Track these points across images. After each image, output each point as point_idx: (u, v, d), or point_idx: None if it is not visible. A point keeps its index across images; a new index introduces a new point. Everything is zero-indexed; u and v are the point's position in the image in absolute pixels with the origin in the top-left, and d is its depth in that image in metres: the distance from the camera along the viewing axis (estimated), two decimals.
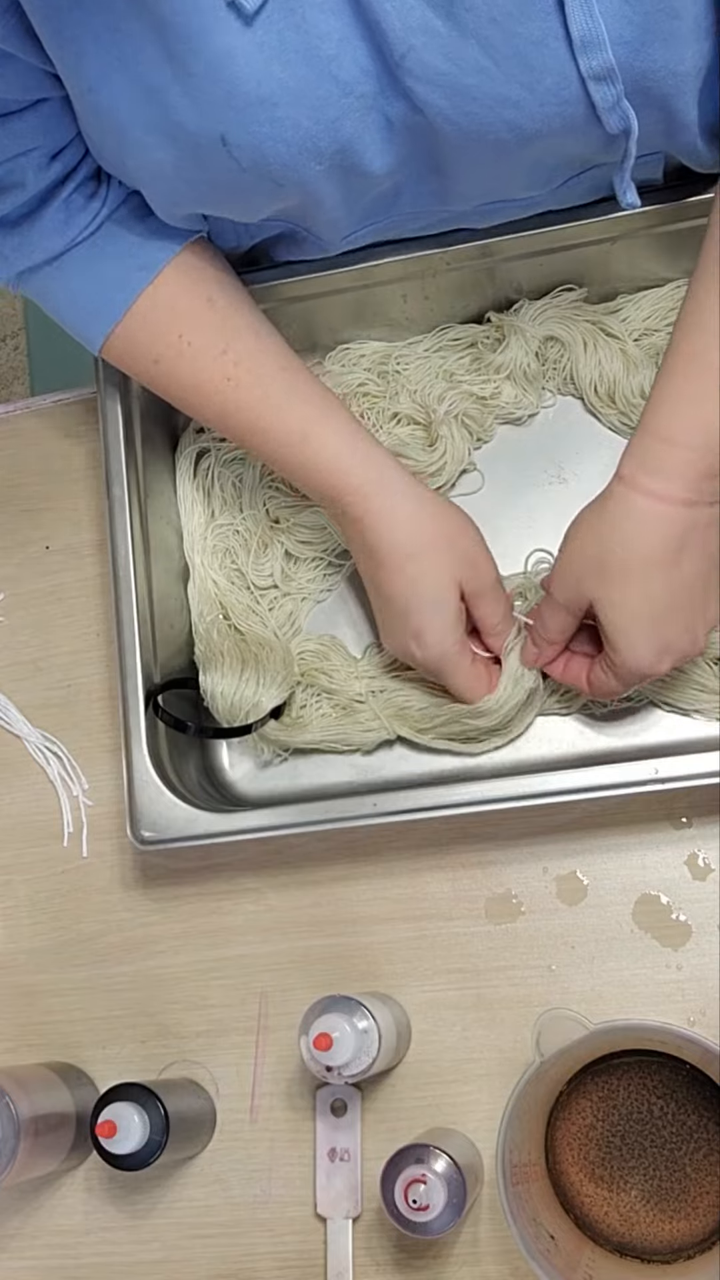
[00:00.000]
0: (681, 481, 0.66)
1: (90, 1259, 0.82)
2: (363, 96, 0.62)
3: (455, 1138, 0.75)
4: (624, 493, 0.68)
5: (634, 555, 0.68)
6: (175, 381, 0.77)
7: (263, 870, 0.84)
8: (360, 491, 0.75)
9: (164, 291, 0.75)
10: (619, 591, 0.69)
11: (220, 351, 0.76)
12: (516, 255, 0.82)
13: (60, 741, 0.90)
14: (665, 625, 0.69)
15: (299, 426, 0.76)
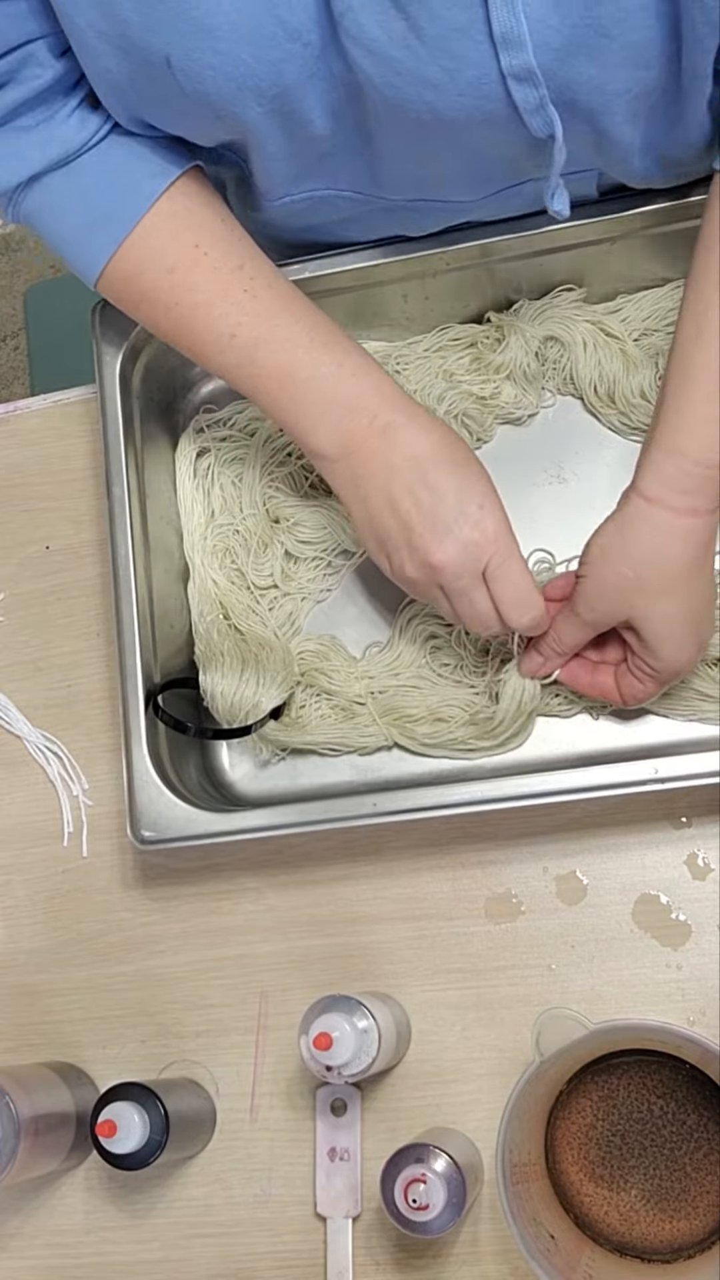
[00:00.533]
0: (707, 495, 0.69)
1: (90, 1259, 0.82)
2: (308, 45, 0.62)
3: (455, 1137, 0.75)
4: (654, 512, 0.70)
5: (674, 569, 0.70)
6: (191, 292, 0.73)
7: (263, 870, 0.84)
8: (394, 398, 0.73)
9: (179, 203, 0.73)
10: (662, 605, 0.71)
11: (237, 265, 0.74)
12: (516, 255, 0.82)
13: (60, 741, 0.90)
14: (702, 624, 0.73)
15: (323, 335, 0.74)
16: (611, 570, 0.71)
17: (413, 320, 0.88)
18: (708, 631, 0.73)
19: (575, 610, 0.74)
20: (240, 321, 0.73)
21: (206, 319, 0.74)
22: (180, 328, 0.75)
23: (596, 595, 0.73)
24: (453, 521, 0.71)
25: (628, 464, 0.85)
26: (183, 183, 0.73)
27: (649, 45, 0.61)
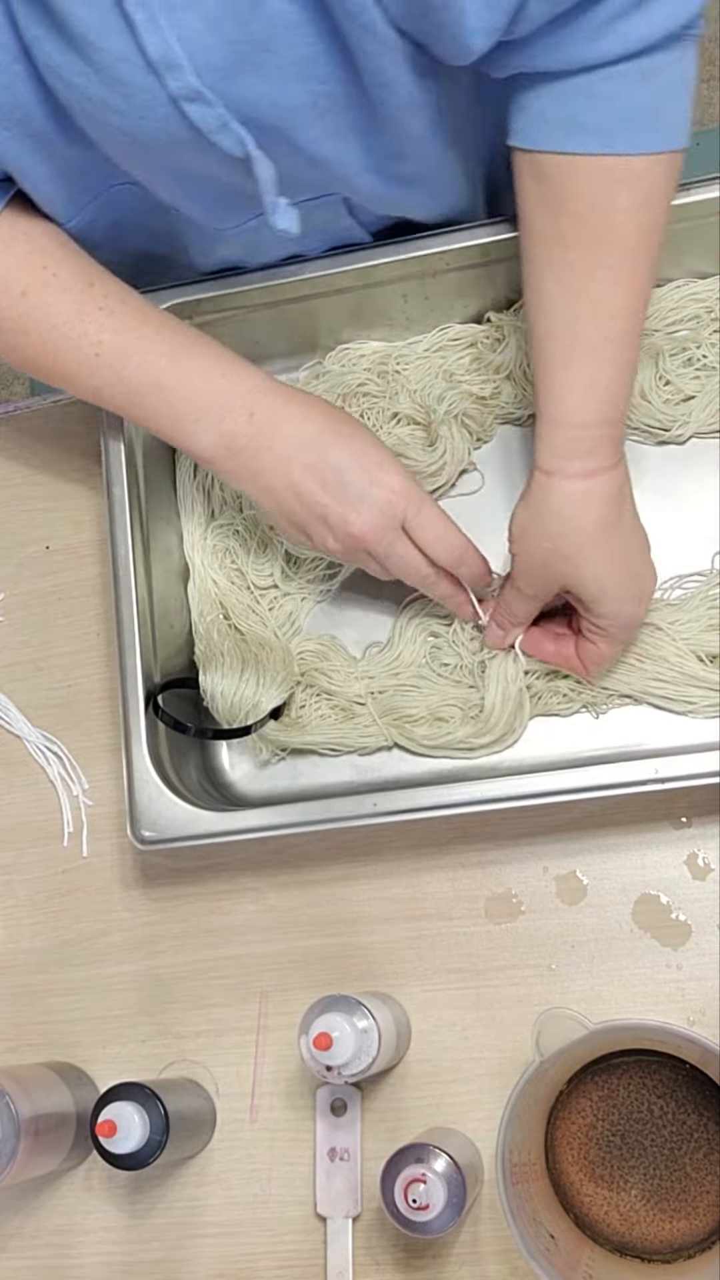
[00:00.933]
0: (601, 455, 0.71)
1: (90, 1259, 0.82)
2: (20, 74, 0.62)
3: (455, 1137, 0.75)
4: (555, 484, 0.72)
5: (588, 531, 0.72)
6: (47, 316, 0.73)
7: (263, 870, 0.84)
8: (268, 389, 0.74)
9: (19, 224, 0.73)
10: (586, 567, 0.72)
11: (88, 283, 0.74)
12: (517, 255, 0.82)
13: (60, 741, 0.90)
14: (636, 574, 0.74)
15: (185, 341, 0.74)
16: (533, 545, 0.73)
17: (413, 320, 0.88)
18: (645, 579, 0.75)
19: (515, 584, 0.77)
20: (101, 340, 0.73)
21: (67, 339, 0.74)
22: (44, 352, 0.75)
23: (527, 569, 0.75)
24: (362, 489, 0.73)
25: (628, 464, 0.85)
26: (18, 200, 0.74)
27: (316, 59, 0.61)
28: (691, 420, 0.84)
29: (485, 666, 0.81)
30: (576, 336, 0.69)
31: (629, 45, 0.62)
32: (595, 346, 0.69)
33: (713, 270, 0.84)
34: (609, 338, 0.69)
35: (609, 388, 0.70)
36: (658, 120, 0.65)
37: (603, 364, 0.70)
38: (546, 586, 0.75)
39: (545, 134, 0.67)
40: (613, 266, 0.68)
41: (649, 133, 0.65)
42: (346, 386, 0.88)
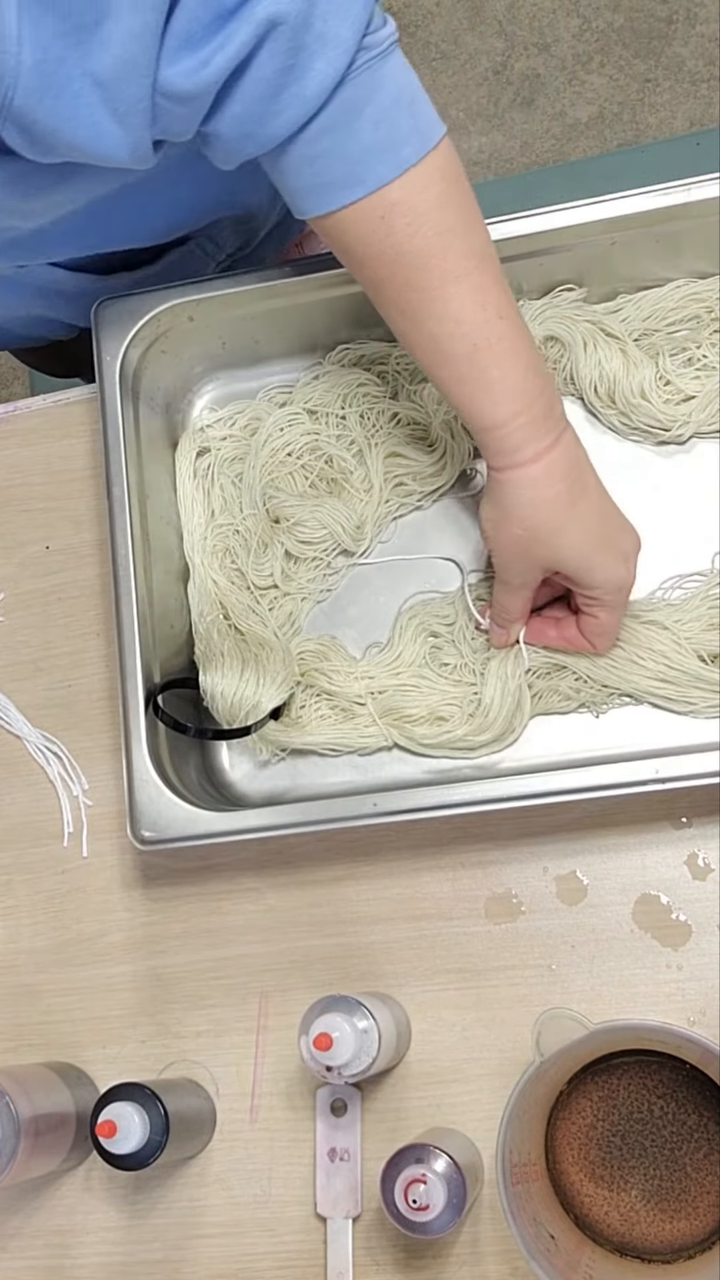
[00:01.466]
0: (537, 439, 0.72)
1: (90, 1259, 0.82)
2: None
3: (455, 1138, 0.75)
4: (507, 476, 0.73)
5: (553, 507, 0.73)
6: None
7: (263, 870, 0.84)
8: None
9: None
10: (562, 541, 0.73)
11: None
12: (516, 255, 0.82)
13: (60, 741, 0.90)
14: (612, 537, 0.75)
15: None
16: (505, 536, 0.75)
17: None
18: (623, 538, 0.75)
19: (501, 578, 0.78)
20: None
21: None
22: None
23: (508, 561, 0.76)
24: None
25: (628, 464, 0.86)
26: None
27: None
28: (691, 420, 0.84)
29: (486, 664, 0.82)
30: (447, 355, 0.71)
31: (307, 106, 0.63)
32: (467, 356, 0.70)
33: (713, 270, 0.84)
34: (475, 344, 0.70)
35: (504, 381, 0.71)
36: (387, 144, 0.66)
37: (484, 366, 0.71)
38: (530, 572, 0.76)
39: (303, 204, 0.69)
40: (437, 285, 0.69)
41: (382, 162, 0.66)
42: (346, 386, 0.88)
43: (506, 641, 0.81)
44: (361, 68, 0.64)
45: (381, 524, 0.88)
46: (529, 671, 0.81)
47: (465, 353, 0.70)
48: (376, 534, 0.87)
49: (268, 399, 0.90)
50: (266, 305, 0.85)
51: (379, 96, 0.65)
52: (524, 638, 0.81)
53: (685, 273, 0.85)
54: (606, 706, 0.82)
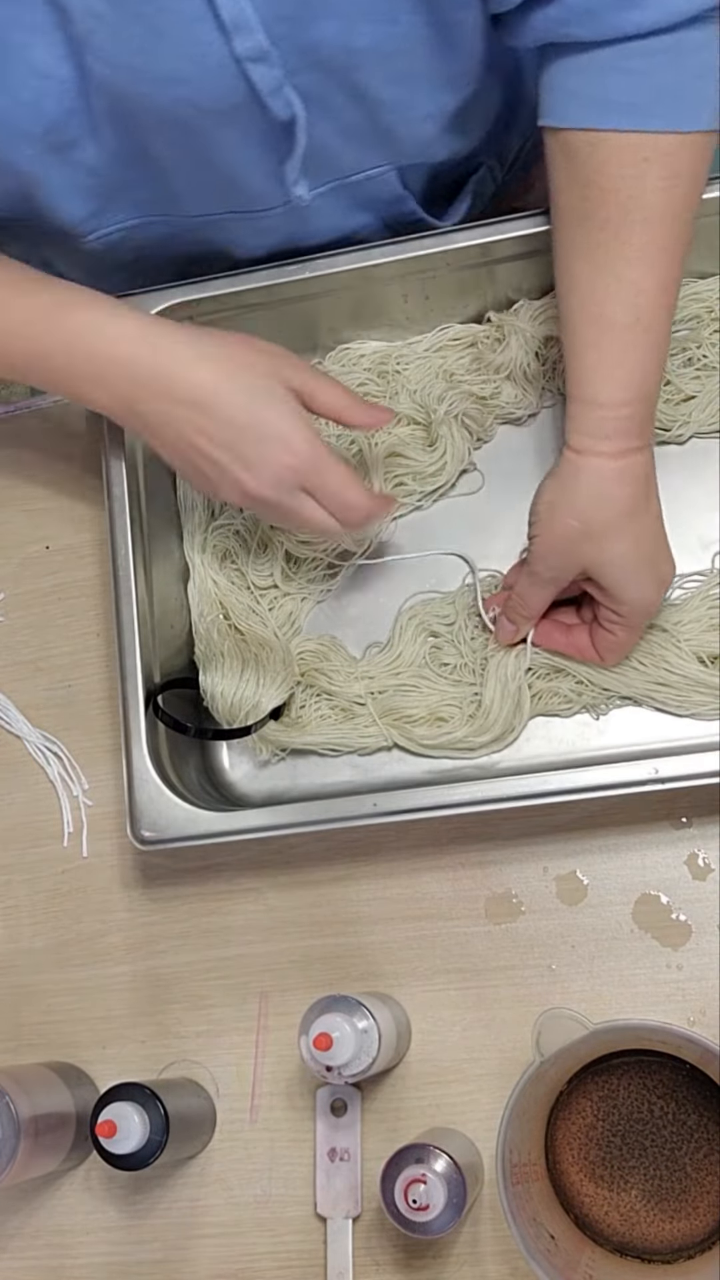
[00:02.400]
0: (629, 436, 0.71)
1: (90, 1259, 0.82)
2: (62, 81, 0.63)
3: (455, 1138, 0.75)
4: (586, 462, 0.72)
5: (618, 510, 0.72)
6: None
7: (263, 870, 0.84)
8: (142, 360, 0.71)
9: None
10: (611, 549, 0.72)
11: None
12: (516, 255, 0.82)
13: (60, 741, 0.90)
14: (657, 560, 0.74)
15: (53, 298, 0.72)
16: (559, 523, 0.73)
17: (413, 320, 0.88)
18: (666, 566, 0.75)
19: (533, 569, 0.76)
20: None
21: None
22: None
23: (549, 550, 0.74)
24: (259, 456, 0.71)
25: None
26: None
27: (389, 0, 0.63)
28: (691, 420, 0.84)
29: (485, 663, 0.81)
30: (604, 316, 0.69)
31: (662, 17, 0.63)
32: (624, 326, 0.69)
33: (713, 270, 0.84)
34: (638, 318, 0.69)
35: (638, 367, 0.70)
36: (687, 100, 0.66)
37: (631, 344, 0.69)
38: (566, 569, 0.74)
39: (574, 111, 0.67)
40: (641, 246, 0.68)
41: (679, 111, 0.65)
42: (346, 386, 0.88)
43: (514, 638, 0.80)
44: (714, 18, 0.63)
45: (382, 524, 0.88)
46: (528, 671, 0.81)
47: (624, 322, 0.69)
48: (377, 534, 0.87)
49: None
50: (266, 305, 0.85)
51: (708, 54, 0.65)
52: (531, 638, 0.80)
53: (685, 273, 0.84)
54: (606, 708, 0.81)
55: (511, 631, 0.80)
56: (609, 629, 0.76)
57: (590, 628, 0.78)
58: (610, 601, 0.74)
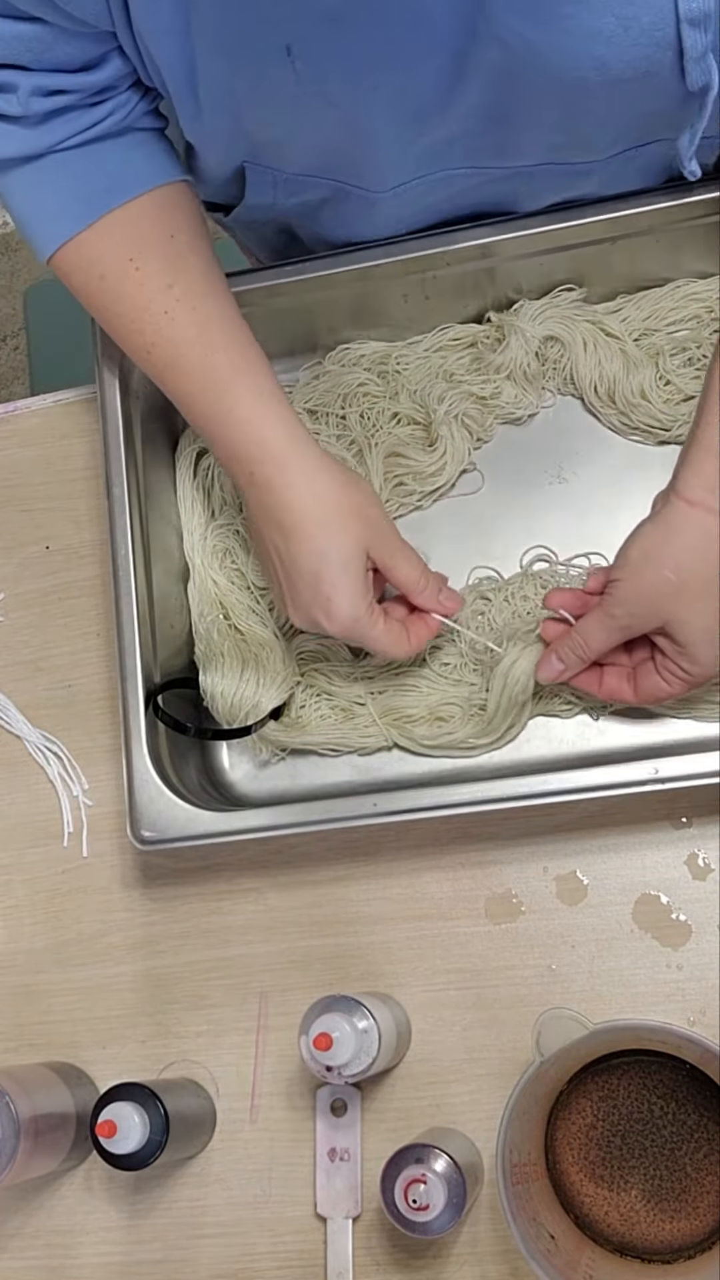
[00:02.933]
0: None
1: (90, 1259, 0.82)
2: (435, 27, 0.61)
3: (455, 1138, 0.75)
4: (697, 515, 0.69)
5: (714, 571, 0.69)
6: (116, 300, 0.75)
7: (263, 870, 0.84)
8: (272, 456, 0.74)
9: (131, 214, 0.74)
10: (701, 608, 0.69)
11: (167, 285, 0.74)
12: (516, 255, 0.82)
13: (60, 741, 0.90)
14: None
15: (223, 375, 0.75)
16: (652, 573, 0.70)
17: (413, 320, 0.88)
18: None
19: (610, 613, 0.72)
20: (155, 342, 0.75)
21: (126, 330, 0.76)
22: (108, 325, 0.78)
23: (634, 599, 0.71)
24: (307, 604, 0.75)
25: (628, 464, 0.86)
26: (146, 198, 0.74)
27: None
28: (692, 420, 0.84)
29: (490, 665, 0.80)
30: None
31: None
32: None
33: (713, 270, 0.84)
34: None
35: None
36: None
37: None
38: (645, 620, 0.71)
39: None
40: None
41: None
42: (346, 386, 0.88)
43: (559, 677, 0.76)
44: None
45: None
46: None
47: None
48: None
49: None
50: (266, 305, 0.85)
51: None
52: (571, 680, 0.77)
53: (685, 273, 0.85)
54: (607, 708, 0.81)
55: (559, 671, 0.76)
56: (665, 680, 0.73)
57: (637, 669, 0.75)
58: (681, 659, 0.71)
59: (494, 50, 0.62)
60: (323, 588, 0.74)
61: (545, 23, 0.60)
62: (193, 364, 0.75)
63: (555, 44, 0.61)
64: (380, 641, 0.76)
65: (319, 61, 0.62)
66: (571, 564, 0.84)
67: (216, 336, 0.75)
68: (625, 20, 0.60)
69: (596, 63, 0.62)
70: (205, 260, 0.77)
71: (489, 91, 0.66)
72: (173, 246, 0.75)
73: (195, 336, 0.75)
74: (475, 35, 0.61)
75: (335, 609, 0.74)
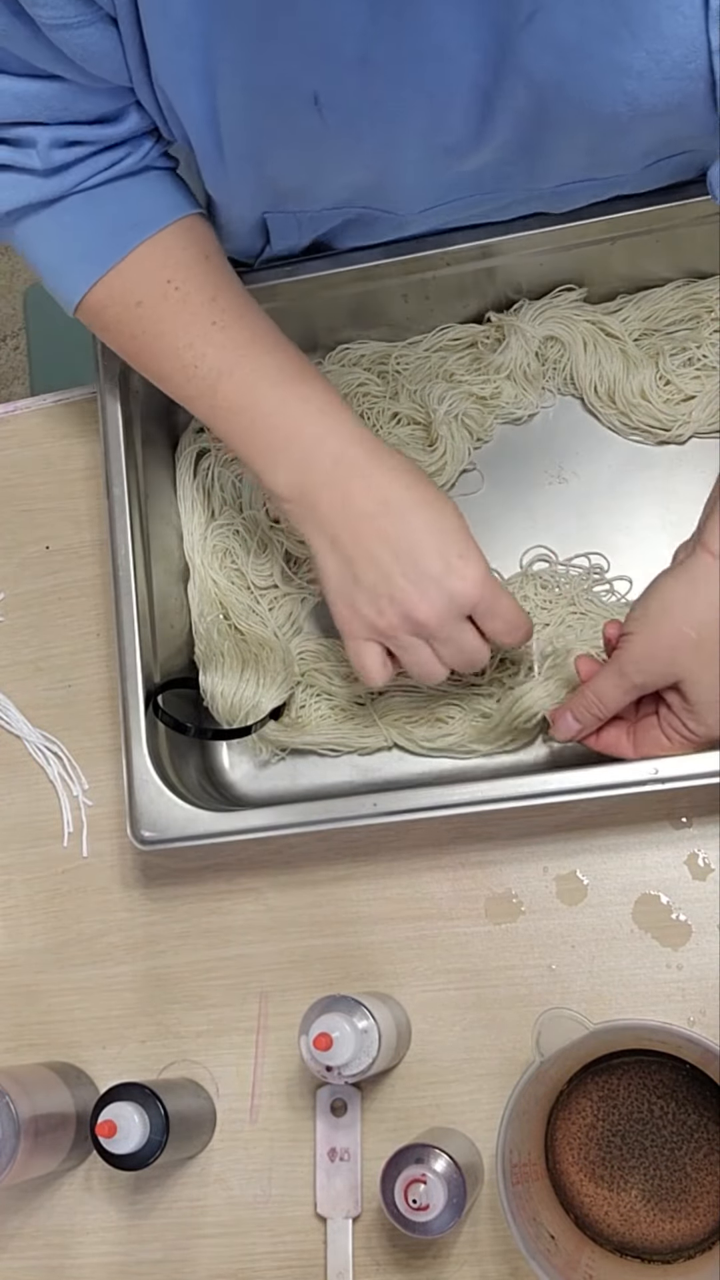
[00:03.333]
0: None
1: (90, 1259, 0.82)
2: (463, 68, 0.60)
3: (455, 1138, 0.75)
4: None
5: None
6: (156, 321, 0.73)
7: (263, 870, 0.84)
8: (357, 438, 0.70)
9: (161, 243, 0.73)
10: (716, 669, 0.67)
11: (210, 298, 0.73)
12: (516, 255, 0.82)
13: (60, 741, 0.90)
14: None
15: (293, 370, 0.72)
16: (671, 628, 0.68)
17: (413, 320, 0.88)
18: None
19: (623, 671, 0.70)
20: (205, 352, 0.72)
21: (171, 348, 0.73)
22: (144, 354, 0.75)
23: (649, 656, 0.69)
24: (439, 575, 0.68)
25: (628, 464, 0.86)
26: (172, 229, 0.74)
27: None
28: (691, 420, 0.84)
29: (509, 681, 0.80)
30: None
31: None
32: None
33: (713, 270, 0.84)
34: None
35: None
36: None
37: None
38: (662, 676, 0.69)
39: None
40: None
41: None
42: (346, 386, 0.88)
43: (576, 738, 0.74)
44: None
45: None
46: None
47: None
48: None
49: None
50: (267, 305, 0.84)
51: None
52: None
53: (685, 273, 0.85)
54: None
55: (575, 730, 0.74)
56: (668, 737, 0.71)
57: (634, 724, 0.74)
58: (688, 718, 0.70)
59: (522, 87, 0.61)
60: (452, 549, 0.68)
61: (574, 60, 0.59)
62: (255, 365, 0.72)
63: (585, 80, 0.60)
64: (508, 607, 0.70)
65: (347, 108, 0.62)
66: (571, 564, 0.84)
67: (272, 340, 0.74)
68: (656, 55, 0.59)
69: (628, 98, 0.61)
70: (239, 282, 0.76)
71: (519, 127, 0.65)
72: (209, 265, 0.74)
73: (250, 340, 0.73)
74: (503, 73, 0.60)
75: (471, 567, 0.68)
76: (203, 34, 0.60)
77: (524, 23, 0.58)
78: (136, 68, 0.64)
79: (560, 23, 0.58)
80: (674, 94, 0.61)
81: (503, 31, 0.59)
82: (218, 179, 0.71)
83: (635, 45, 0.58)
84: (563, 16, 0.58)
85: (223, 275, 0.75)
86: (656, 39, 0.58)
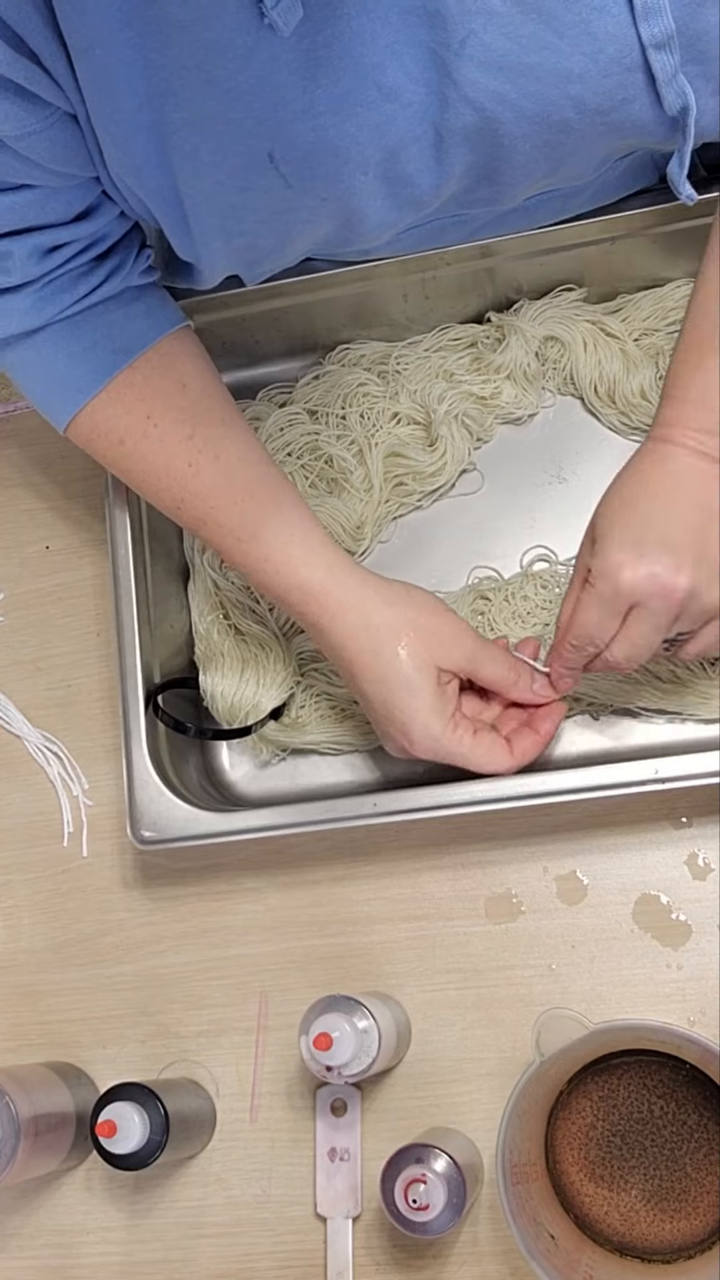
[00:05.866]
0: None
1: (90, 1259, 0.82)
2: (409, 105, 0.61)
3: (455, 1138, 0.75)
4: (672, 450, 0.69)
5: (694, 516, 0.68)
6: (140, 461, 0.77)
7: (263, 870, 0.84)
8: (313, 596, 0.74)
9: (140, 372, 0.75)
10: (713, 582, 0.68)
11: (186, 436, 0.75)
12: (516, 255, 0.82)
13: (60, 741, 0.90)
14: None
15: (251, 523, 0.75)
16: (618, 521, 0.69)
17: (413, 320, 0.88)
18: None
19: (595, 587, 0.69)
20: (182, 499, 0.76)
21: (155, 488, 0.77)
22: (136, 487, 0.79)
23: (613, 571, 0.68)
24: (388, 733, 0.75)
25: None
26: (150, 354, 0.75)
27: None
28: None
29: None
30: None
31: None
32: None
33: None
34: None
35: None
36: None
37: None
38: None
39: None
40: None
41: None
42: (346, 386, 0.88)
43: (566, 688, 0.76)
44: None
45: (381, 524, 0.88)
46: None
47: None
48: (376, 534, 0.87)
49: (268, 399, 0.90)
50: (266, 305, 0.85)
51: None
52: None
53: (685, 273, 0.85)
54: (607, 709, 0.81)
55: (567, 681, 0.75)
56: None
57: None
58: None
59: (470, 112, 0.62)
60: (395, 715, 0.73)
61: (514, 75, 0.61)
62: (221, 517, 0.75)
63: (529, 92, 0.62)
64: (472, 758, 0.74)
65: (303, 161, 0.62)
66: (571, 564, 0.84)
67: (241, 482, 0.76)
68: (592, 54, 0.60)
69: (574, 102, 0.62)
70: (220, 402, 0.77)
71: (475, 152, 0.66)
72: (186, 396, 0.76)
73: (223, 485, 0.75)
74: (448, 102, 0.61)
75: (412, 734, 0.73)
76: (153, 122, 0.61)
77: (459, 49, 0.59)
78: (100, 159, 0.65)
79: (494, 42, 0.59)
80: (616, 89, 0.62)
81: (440, 62, 0.60)
82: (188, 251, 0.71)
83: (572, 49, 0.60)
84: (495, 36, 0.59)
85: (200, 404, 0.76)
86: (589, 40, 0.60)
